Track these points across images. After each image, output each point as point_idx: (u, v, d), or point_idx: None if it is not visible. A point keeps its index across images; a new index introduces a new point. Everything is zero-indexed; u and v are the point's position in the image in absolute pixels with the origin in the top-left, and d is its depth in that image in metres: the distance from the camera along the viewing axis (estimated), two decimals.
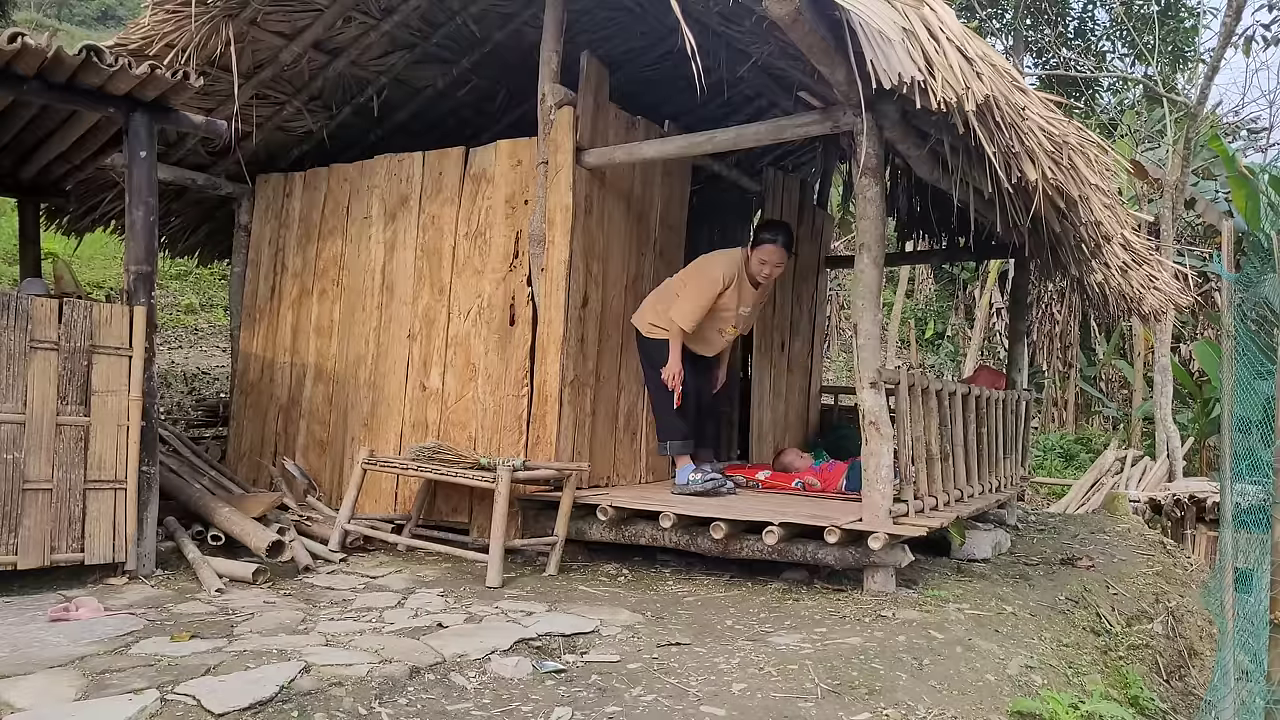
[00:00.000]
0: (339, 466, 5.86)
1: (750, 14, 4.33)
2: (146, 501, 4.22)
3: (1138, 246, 6.42)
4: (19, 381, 3.87)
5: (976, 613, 4.02)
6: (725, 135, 4.75)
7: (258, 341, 6.44)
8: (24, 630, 3.27)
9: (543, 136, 5.09)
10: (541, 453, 4.97)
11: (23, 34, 3.68)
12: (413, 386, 5.60)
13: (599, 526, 4.76)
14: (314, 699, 2.66)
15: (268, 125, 6.25)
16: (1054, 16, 13.49)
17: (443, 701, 2.76)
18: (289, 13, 5.53)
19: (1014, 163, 3.97)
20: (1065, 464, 14.64)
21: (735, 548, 4.44)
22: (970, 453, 5.45)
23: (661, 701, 2.81)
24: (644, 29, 6.21)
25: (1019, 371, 7.08)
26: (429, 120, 6.80)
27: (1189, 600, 5.73)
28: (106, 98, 4.11)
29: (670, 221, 5.99)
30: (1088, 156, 4.74)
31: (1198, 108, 11.41)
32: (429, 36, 6.05)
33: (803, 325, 7.51)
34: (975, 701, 2.96)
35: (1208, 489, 9.30)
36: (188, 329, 11.69)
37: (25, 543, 3.84)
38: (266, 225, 6.47)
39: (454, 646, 3.20)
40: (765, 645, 3.40)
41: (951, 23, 3.94)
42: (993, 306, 17.06)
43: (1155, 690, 4.23)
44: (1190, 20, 13.39)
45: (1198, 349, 13.22)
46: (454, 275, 5.51)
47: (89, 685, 2.69)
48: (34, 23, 18.83)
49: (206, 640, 3.20)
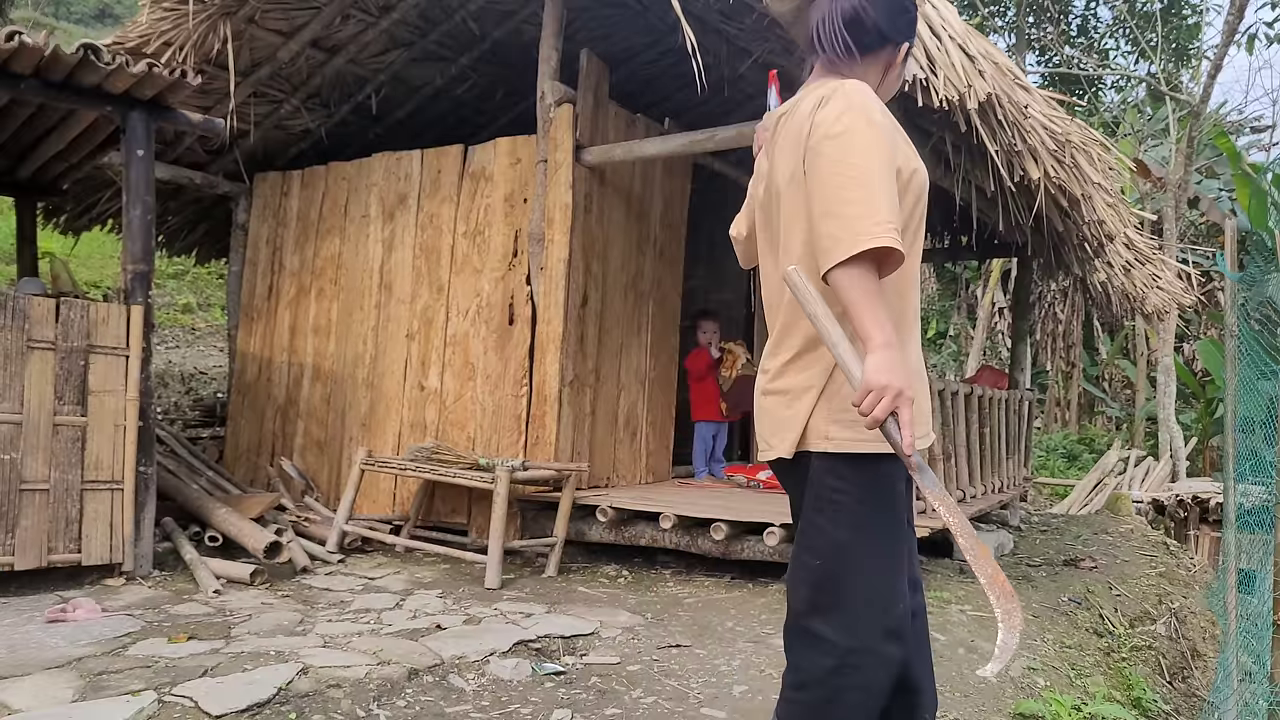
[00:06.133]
0: (337, 467, 5.84)
1: (751, 11, 4.30)
2: (144, 502, 4.20)
3: (1141, 245, 6.40)
4: (16, 381, 3.85)
5: (979, 614, 4.00)
6: (727, 133, 4.72)
7: (255, 341, 6.42)
8: (21, 631, 3.26)
9: (542, 134, 5.06)
10: (540, 453, 4.94)
11: (20, 32, 3.66)
12: (411, 386, 5.58)
13: (598, 527, 4.74)
14: (312, 701, 2.64)
15: (265, 123, 6.23)
16: (1056, 14, 13.47)
17: (441, 704, 2.74)
18: (287, 10, 5.51)
19: (1016, 161, 3.95)
20: (1068, 464, 14.61)
21: (736, 549, 4.42)
22: (973, 453, 5.43)
23: (662, 704, 2.79)
24: (644, 26, 6.18)
25: (1022, 371, 7.06)
26: (427, 118, 6.78)
27: (1192, 601, 5.71)
28: (104, 96, 4.10)
29: (670, 220, 5.96)
30: (1090, 155, 4.72)
31: (1200, 106, 11.38)
32: (427, 34, 6.02)
33: None
34: (978, 703, 2.93)
35: (1211, 489, 9.27)
36: (185, 329, 11.67)
37: (22, 543, 3.82)
38: (264, 224, 6.45)
39: (452, 648, 3.17)
40: (766, 647, 3.38)
41: (953, 20, 3.92)
42: (995, 306, 17.03)
43: (1158, 692, 4.21)
44: (1193, 17, 13.35)
45: (1201, 348, 13.19)
46: (452, 274, 5.49)
47: (86, 686, 2.68)
48: (31, 21, 18.82)
49: (204, 641, 3.19)
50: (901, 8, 1.88)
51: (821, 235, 1.64)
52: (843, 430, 1.74)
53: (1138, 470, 11.79)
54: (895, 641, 1.74)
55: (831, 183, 1.63)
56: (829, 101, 1.71)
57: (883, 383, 1.55)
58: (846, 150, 1.64)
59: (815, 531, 1.77)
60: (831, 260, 1.60)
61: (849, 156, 1.63)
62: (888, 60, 1.89)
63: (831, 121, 1.67)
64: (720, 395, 6.33)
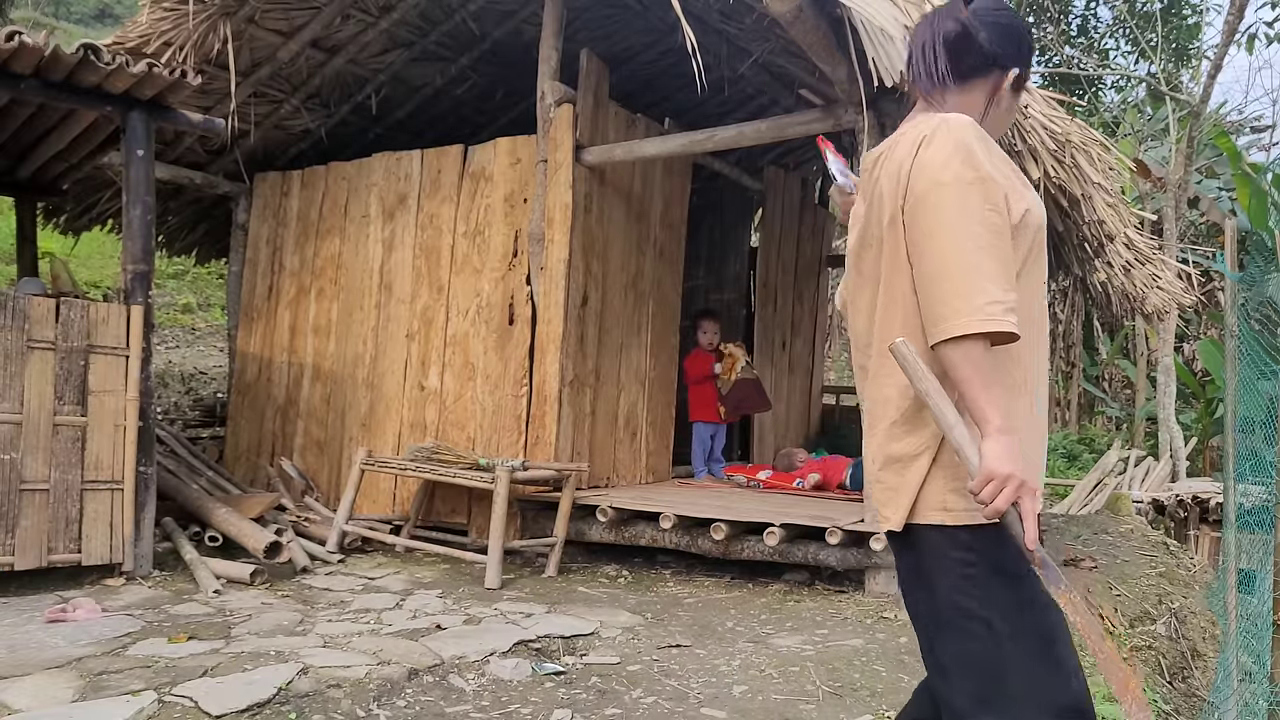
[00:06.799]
0: (337, 467, 5.83)
1: (751, 11, 4.31)
2: (144, 502, 4.20)
3: (1141, 245, 6.39)
4: (16, 381, 3.85)
5: None
6: (726, 133, 4.72)
7: (255, 341, 6.42)
8: (21, 631, 3.25)
9: (542, 134, 5.06)
10: (540, 453, 4.94)
11: (20, 32, 3.66)
12: (411, 386, 5.58)
13: (599, 527, 4.74)
14: (312, 701, 2.64)
15: (265, 123, 6.22)
16: (1056, 14, 13.46)
17: (441, 704, 2.74)
18: (287, 10, 5.51)
19: (1016, 161, 3.95)
20: (1068, 464, 14.60)
21: (736, 549, 4.41)
22: None
23: (662, 704, 2.79)
24: (644, 26, 6.18)
25: None
26: (427, 118, 6.78)
27: (1192, 601, 5.70)
28: (104, 96, 4.09)
29: (670, 220, 5.96)
30: (1090, 155, 4.71)
31: (1200, 106, 11.37)
32: (427, 34, 6.02)
33: (804, 324, 7.49)
34: None
35: (1211, 489, 9.26)
36: (185, 329, 11.67)
37: (22, 543, 3.82)
38: (264, 224, 6.45)
39: (452, 648, 3.17)
40: (766, 647, 3.38)
41: None
42: None
43: (1158, 692, 4.20)
44: (1193, 17, 13.34)
45: (1201, 348, 13.18)
46: (452, 274, 5.49)
47: (86, 686, 2.67)
48: (31, 21, 18.81)
49: (204, 642, 3.19)
50: (1013, 29, 1.69)
51: (929, 302, 1.49)
52: (961, 500, 1.54)
53: (1138, 470, 11.78)
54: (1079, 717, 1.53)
55: (937, 244, 1.48)
56: (931, 142, 1.54)
57: (1004, 472, 1.41)
58: (952, 206, 1.48)
59: (959, 615, 1.56)
60: (939, 335, 1.47)
61: (955, 214, 1.48)
62: (993, 87, 1.69)
63: (936, 167, 1.51)
64: (719, 398, 6.31)
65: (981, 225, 1.47)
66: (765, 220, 7.06)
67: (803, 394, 7.50)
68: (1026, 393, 1.62)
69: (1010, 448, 1.42)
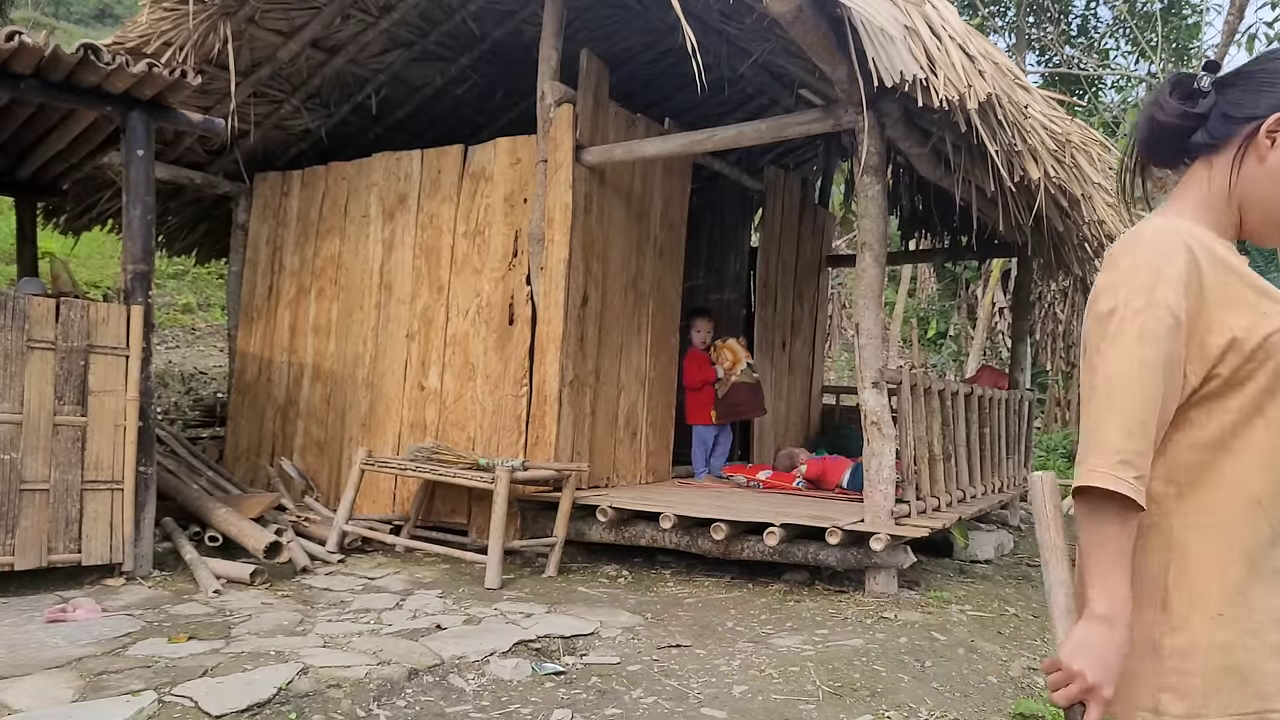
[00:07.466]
0: (337, 467, 5.83)
1: (751, 11, 4.31)
2: (144, 502, 4.20)
3: None
4: (16, 381, 3.85)
5: (979, 614, 4.00)
6: (726, 133, 4.72)
7: (255, 341, 6.42)
8: (21, 631, 3.25)
9: (542, 134, 5.06)
10: (540, 453, 4.94)
11: (20, 32, 3.66)
12: (411, 386, 5.58)
13: (599, 527, 4.74)
14: (312, 701, 2.64)
15: (265, 124, 6.22)
16: (1056, 14, 13.46)
17: (441, 704, 2.74)
18: (287, 10, 5.51)
19: (1016, 161, 3.95)
20: (1068, 464, 14.60)
21: (736, 549, 4.41)
22: (973, 453, 5.43)
23: (662, 704, 2.79)
24: (644, 26, 6.18)
25: (1022, 371, 7.06)
26: (427, 118, 6.78)
27: None
28: (104, 96, 4.09)
29: (671, 220, 5.96)
30: (1090, 155, 4.72)
31: None
32: (427, 34, 6.02)
33: (804, 324, 7.49)
34: (978, 703, 2.93)
35: None
36: (185, 329, 11.66)
37: (22, 543, 3.82)
38: (264, 224, 6.45)
39: (452, 648, 3.17)
40: (766, 647, 3.38)
41: (953, 20, 3.92)
42: (995, 306, 17.03)
43: None
44: (1193, 17, 13.35)
45: None
46: (452, 274, 5.49)
47: (86, 686, 2.67)
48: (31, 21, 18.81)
49: (204, 642, 3.18)
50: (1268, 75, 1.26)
51: None
52: (1177, 702, 1.25)
53: None
54: None
55: (1087, 380, 1.27)
56: (1107, 261, 1.29)
57: (1076, 667, 1.19)
58: (1105, 343, 1.23)
59: None
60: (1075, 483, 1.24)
61: (1103, 356, 1.23)
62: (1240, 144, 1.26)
63: (1101, 294, 1.27)
64: (714, 401, 6.27)
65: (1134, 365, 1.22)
66: (765, 220, 7.06)
67: (803, 394, 7.50)
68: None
69: (1099, 640, 1.19)
